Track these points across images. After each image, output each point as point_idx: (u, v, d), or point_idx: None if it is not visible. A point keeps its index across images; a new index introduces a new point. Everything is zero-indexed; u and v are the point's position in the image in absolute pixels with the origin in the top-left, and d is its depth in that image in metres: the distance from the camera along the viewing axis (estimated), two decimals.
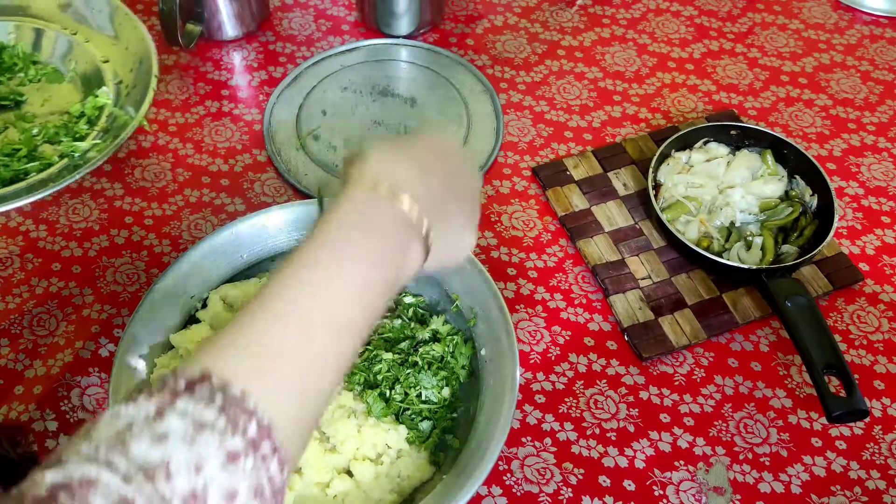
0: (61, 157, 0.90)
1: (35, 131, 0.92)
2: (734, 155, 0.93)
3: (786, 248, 0.85)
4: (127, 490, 0.36)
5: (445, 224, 0.53)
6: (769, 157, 0.91)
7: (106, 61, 0.98)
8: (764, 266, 0.82)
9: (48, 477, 0.35)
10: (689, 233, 0.87)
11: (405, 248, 0.50)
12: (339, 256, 0.47)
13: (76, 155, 0.89)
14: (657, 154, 0.90)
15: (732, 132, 0.93)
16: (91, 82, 0.98)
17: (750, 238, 0.86)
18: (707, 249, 0.84)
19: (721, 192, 0.89)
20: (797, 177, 0.90)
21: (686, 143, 0.93)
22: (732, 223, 0.88)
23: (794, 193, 0.90)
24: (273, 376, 0.43)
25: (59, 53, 1.01)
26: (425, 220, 0.51)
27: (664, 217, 0.86)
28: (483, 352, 0.73)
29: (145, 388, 0.41)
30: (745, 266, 0.82)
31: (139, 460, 0.37)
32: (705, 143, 0.94)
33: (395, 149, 0.54)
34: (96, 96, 0.95)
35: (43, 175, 0.87)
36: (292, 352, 0.44)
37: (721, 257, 0.83)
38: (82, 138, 0.91)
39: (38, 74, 1.00)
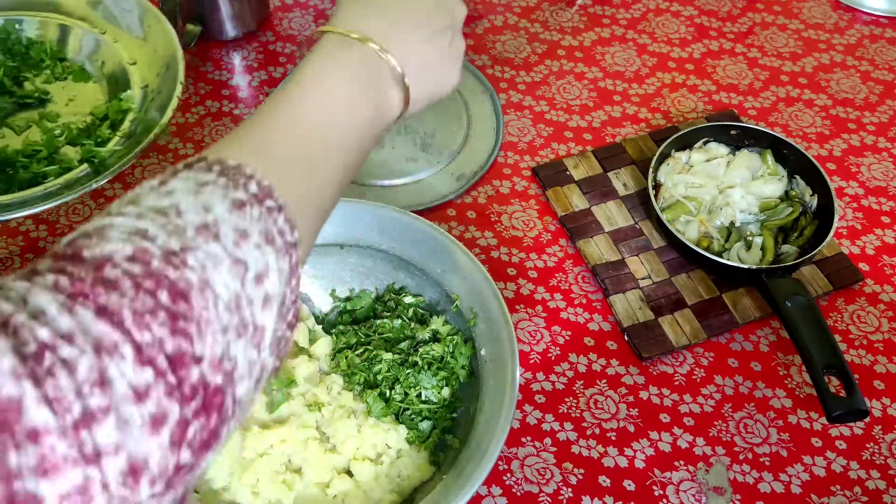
0: (81, 161, 0.86)
1: (58, 132, 0.89)
2: (734, 155, 0.93)
3: (786, 248, 0.85)
4: (140, 223, 0.37)
5: (424, 63, 0.56)
6: (769, 157, 0.91)
7: (133, 63, 0.95)
8: (764, 266, 0.82)
9: (64, 239, 0.37)
10: (689, 233, 0.87)
11: (378, 86, 0.52)
12: (314, 90, 0.50)
13: (96, 160, 0.86)
14: (657, 154, 0.90)
15: (732, 132, 0.93)
16: (117, 84, 0.94)
17: (750, 238, 0.86)
18: (707, 249, 0.84)
19: (721, 192, 0.89)
20: (797, 177, 0.90)
21: (686, 143, 0.93)
22: (732, 223, 0.88)
23: (794, 193, 0.90)
24: (270, 154, 0.45)
25: (86, 52, 0.98)
26: (395, 61, 0.53)
27: (664, 217, 0.86)
28: (483, 352, 0.73)
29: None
30: (745, 266, 0.82)
31: (150, 205, 0.39)
32: (705, 143, 0.94)
33: (365, 2, 0.55)
34: (121, 100, 0.91)
35: (61, 180, 0.83)
36: (288, 137, 0.47)
37: (721, 257, 0.83)
38: (104, 142, 0.88)
39: (64, 72, 0.97)
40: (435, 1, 0.58)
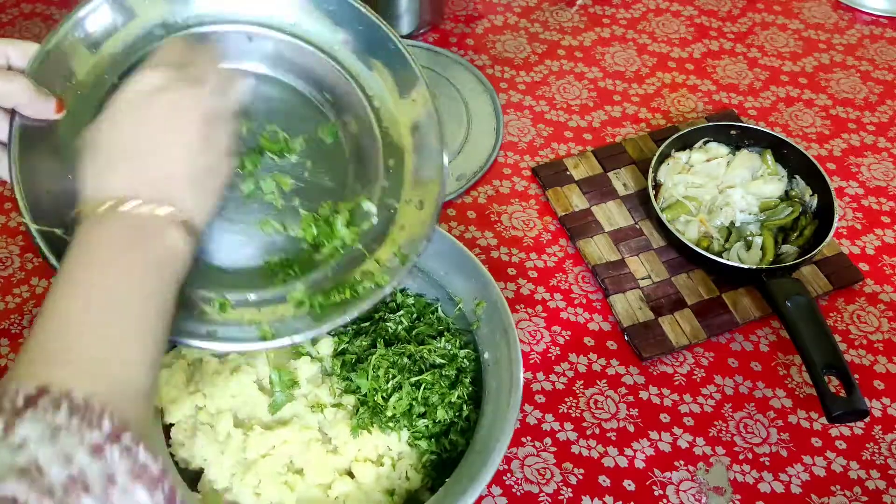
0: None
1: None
2: (734, 155, 0.93)
3: (786, 248, 0.86)
4: (5, 488, 0.36)
5: (189, 182, 0.53)
6: (769, 157, 0.91)
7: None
8: (764, 266, 0.82)
9: None
10: (689, 233, 0.87)
11: (149, 243, 0.50)
12: (86, 302, 0.48)
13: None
14: (657, 154, 0.90)
15: (732, 132, 0.93)
16: None
17: (750, 238, 0.86)
18: (707, 249, 0.85)
19: (721, 192, 0.89)
20: (797, 177, 0.91)
21: (686, 143, 0.93)
22: (732, 223, 0.88)
23: (794, 193, 0.90)
24: (103, 373, 0.45)
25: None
26: (159, 209, 0.51)
27: (664, 217, 0.86)
28: (486, 355, 0.73)
29: None
30: (745, 266, 0.82)
31: (6, 464, 0.37)
32: (705, 143, 0.94)
33: (101, 151, 0.52)
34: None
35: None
36: (92, 339, 0.46)
37: (721, 257, 0.83)
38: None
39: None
40: (170, 105, 0.53)
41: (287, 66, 0.67)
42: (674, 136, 0.92)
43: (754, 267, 0.81)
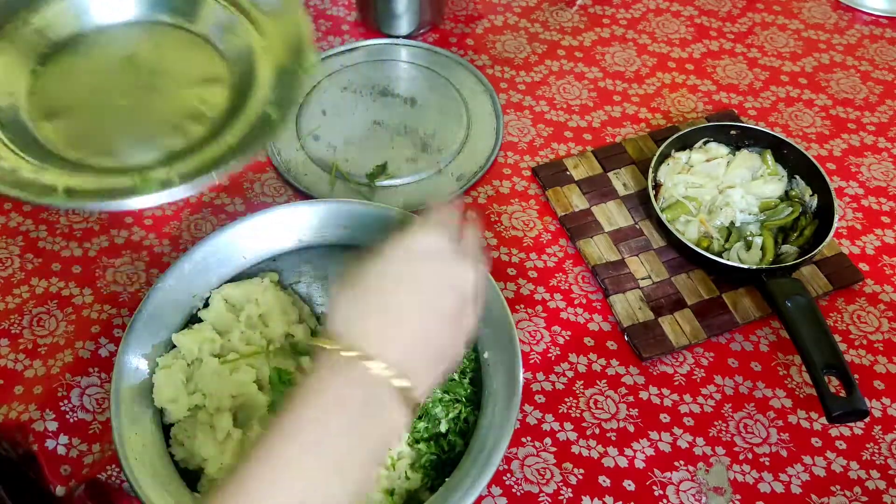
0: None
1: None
2: (734, 155, 0.93)
3: (785, 248, 0.86)
4: None
5: (428, 359, 0.52)
6: (769, 157, 0.91)
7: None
8: (764, 266, 0.82)
9: None
10: (688, 233, 0.87)
11: (378, 414, 0.49)
12: (304, 447, 0.47)
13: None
14: (657, 154, 0.90)
15: (732, 132, 0.93)
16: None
17: (750, 238, 0.86)
18: (707, 249, 0.85)
19: (721, 192, 0.89)
20: (797, 177, 0.91)
21: (686, 143, 0.93)
22: (732, 223, 0.88)
23: (793, 193, 0.90)
24: None
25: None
26: (397, 381, 0.49)
27: (664, 217, 0.86)
28: (486, 355, 0.73)
29: None
30: (745, 266, 0.82)
31: None
32: (705, 143, 0.94)
33: (362, 293, 0.52)
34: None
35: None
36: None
37: (721, 257, 0.83)
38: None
39: None
40: (436, 275, 0.53)
41: None
42: (674, 137, 0.92)
43: (754, 267, 0.81)
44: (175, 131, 0.71)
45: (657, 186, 0.91)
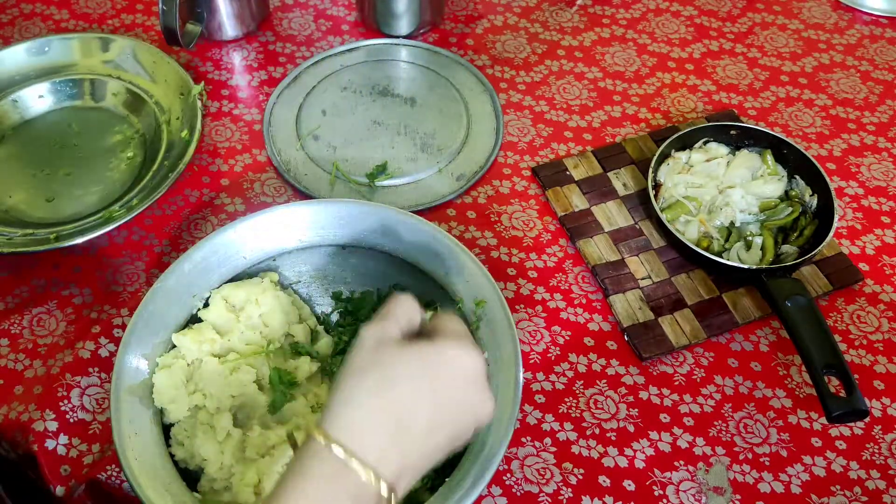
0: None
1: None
2: (734, 155, 0.93)
3: (785, 248, 0.86)
4: None
5: (425, 465, 0.53)
6: (769, 157, 0.91)
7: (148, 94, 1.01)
8: (764, 266, 0.82)
9: None
10: (688, 233, 0.87)
11: None
12: None
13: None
14: (657, 154, 0.90)
15: (732, 132, 0.93)
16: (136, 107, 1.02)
17: (750, 238, 0.86)
18: (707, 249, 0.85)
19: (721, 192, 0.90)
20: (797, 177, 0.91)
21: (686, 143, 0.93)
22: (732, 223, 0.88)
23: (793, 193, 0.90)
24: None
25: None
26: (385, 491, 0.50)
27: (664, 217, 0.86)
28: (486, 355, 0.73)
29: None
30: (745, 266, 0.82)
31: None
32: (705, 142, 0.94)
33: (375, 393, 0.51)
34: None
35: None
36: None
37: (721, 257, 0.83)
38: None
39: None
40: (458, 406, 0.54)
41: None
42: (673, 136, 0.92)
43: (754, 267, 0.81)
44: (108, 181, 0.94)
45: (657, 186, 0.91)
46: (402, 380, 0.52)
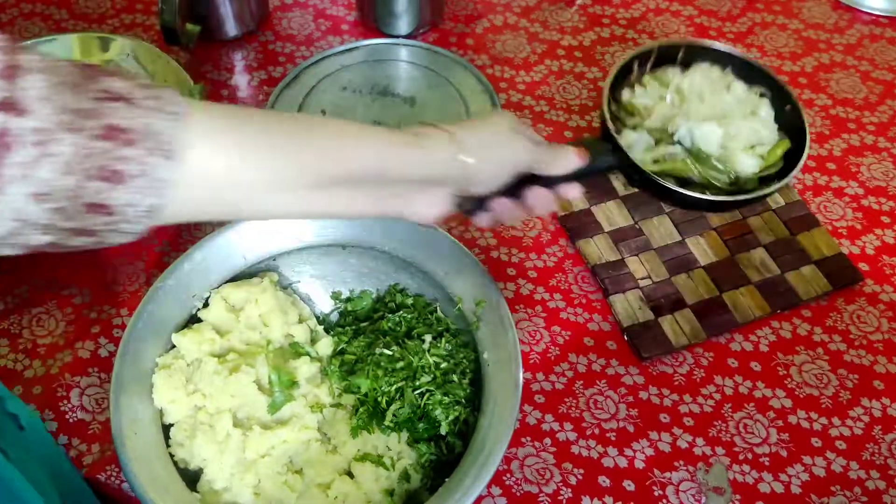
0: None
1: None
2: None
3: (747, 161, 0.74)
4: None
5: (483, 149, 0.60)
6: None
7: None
8: (725, 194, 0.72)
9: None
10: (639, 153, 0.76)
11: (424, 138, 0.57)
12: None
13: None
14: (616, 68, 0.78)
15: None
16: None
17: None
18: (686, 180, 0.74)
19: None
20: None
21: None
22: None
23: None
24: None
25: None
26: (454, 130, 0.58)
27: (622, 142, 0.74)
28: (486, 355, 0.73)
29: None
30: (701, 196, 0.72)
31: None
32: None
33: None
34: None
35: None
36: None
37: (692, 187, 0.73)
38: None
39: None
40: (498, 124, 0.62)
41: None
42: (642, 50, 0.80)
43: (716, 199, 0.72)
44: None
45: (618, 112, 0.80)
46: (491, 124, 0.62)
